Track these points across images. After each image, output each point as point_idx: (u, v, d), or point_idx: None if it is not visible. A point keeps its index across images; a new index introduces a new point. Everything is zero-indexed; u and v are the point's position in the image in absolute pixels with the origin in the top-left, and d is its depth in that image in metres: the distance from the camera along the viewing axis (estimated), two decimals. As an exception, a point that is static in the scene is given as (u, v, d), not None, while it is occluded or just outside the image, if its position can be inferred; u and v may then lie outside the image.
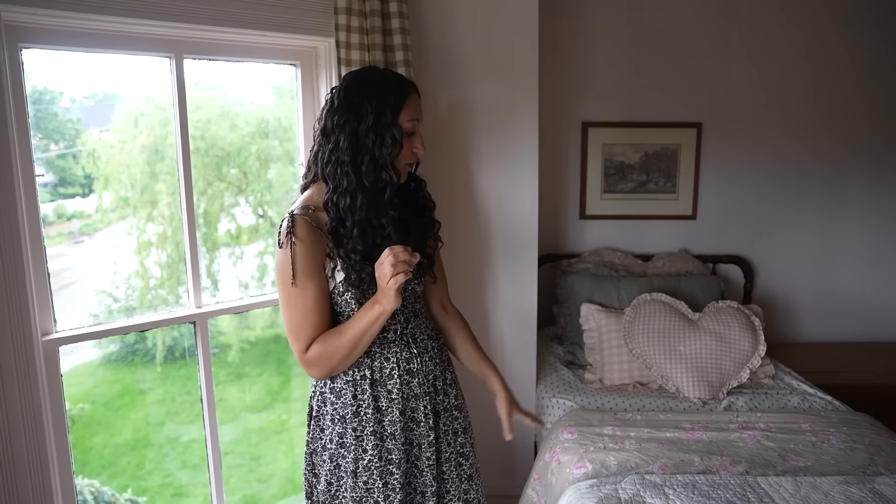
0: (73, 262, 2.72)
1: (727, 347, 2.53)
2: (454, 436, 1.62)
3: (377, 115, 1.41)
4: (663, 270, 3.08)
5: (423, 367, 1.55)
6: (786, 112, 3.23)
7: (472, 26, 2.42)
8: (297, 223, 1.41)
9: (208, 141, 2.71)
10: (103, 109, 2.43)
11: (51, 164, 2.37)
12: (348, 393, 1.50)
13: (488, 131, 2.50)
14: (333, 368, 1.46)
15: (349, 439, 1.49)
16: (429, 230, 1.62)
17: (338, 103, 1.44)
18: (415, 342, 1.56)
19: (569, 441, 2.16)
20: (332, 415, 1.51)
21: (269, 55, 2.20)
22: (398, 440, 1.50)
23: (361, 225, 1.42)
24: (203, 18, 1.93)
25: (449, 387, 1.63)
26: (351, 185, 1.41)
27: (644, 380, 2.61)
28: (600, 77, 3.19)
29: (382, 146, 1.41)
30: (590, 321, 2.71)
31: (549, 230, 3.30)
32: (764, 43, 3.18)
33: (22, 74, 1.73)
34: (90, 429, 3.10)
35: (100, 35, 1.84)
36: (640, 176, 3.26)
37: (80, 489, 2.63)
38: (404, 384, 1.52)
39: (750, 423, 2.27)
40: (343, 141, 1.41)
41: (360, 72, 1.53)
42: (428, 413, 1.55)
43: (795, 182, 3.28)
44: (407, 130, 1.45)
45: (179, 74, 2.02)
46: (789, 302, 3.38)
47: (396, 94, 1.43)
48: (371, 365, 1.50)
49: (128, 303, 2.84)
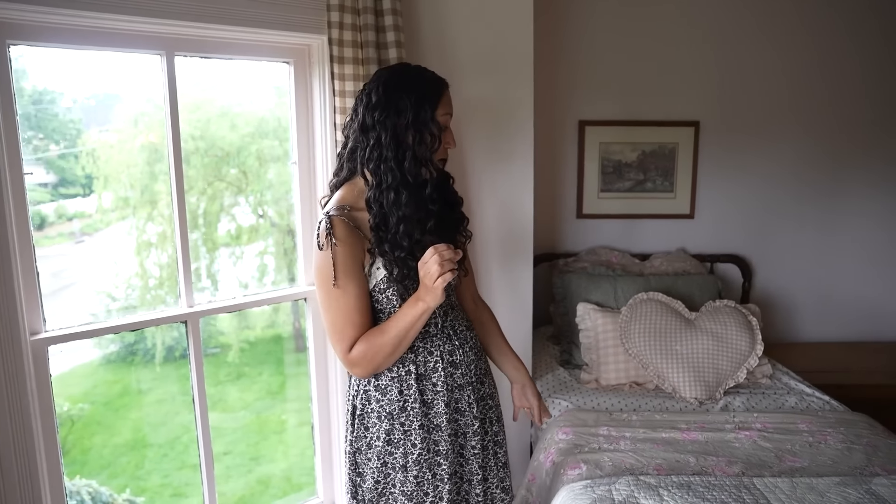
0: (74, 262, 2.71)
1: (724, 347, 2.51)
2: (490, 424, 1.65)
3: (416, 110, 1.42)
4: (661, 270, 3.06)
5: (465, 358, 1.57)
6: (784, 110, 3.21)
7: (467, 24, 2.40)
8: (335, 224, 1.41)
9: (208, 141, 2.70)
10: (104, 109, 2.43)
11: (51, 164, 2.37)
12: (394, 389, 1.50)
13: (483, 130, 2.48)
14: (378, 366, 1.47)
15: (397, 435, 1.50)
16: (459, 225, 1.65)
17: (376, 99, 1.45)
18: (455, 334, 1.58)
19: (563, 441, 2.14)
20: (378, 412, 1.52)
21: (261, 53, 2.18)
22: (444, 431, 1.52)
23: (406, 220, 1.43)
24: (194, 15, 1.91)
25: (485, 376, 1.66)
26: (395, 181, 1.42)
27: (640, 380, 2.59)
28: (597, 75, 3.18)
29: (422, 142, 1.43)
30: (586, 321, 2.69)
31: (546, 229, 3.28)
32: (763, 40, 3.16)
33: (10, 71, 1.71)
34: (90, 429, 3.10)
35: (89, 32, 1.83)
36: (638, 175, 3.24)
37: (78, 489, 2.63)
38: (448, 376, 1.53)
39: (746, 423, 2.25)
40: (385, 137, 1.42)
41: (396, 68, 1.55)
42: (472, 402, 1.57)
43: (794, 180, 3.26)
44: (443, 125, 1.47)
45: (171, 72, 2.00)
46: (788, 301, 3.36)
47: (433, 90, 1.46)
48: (415, 360, 1.51)
49: (127, 302, 2.84)
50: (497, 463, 1.66)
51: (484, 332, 1.79)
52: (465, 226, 1.67)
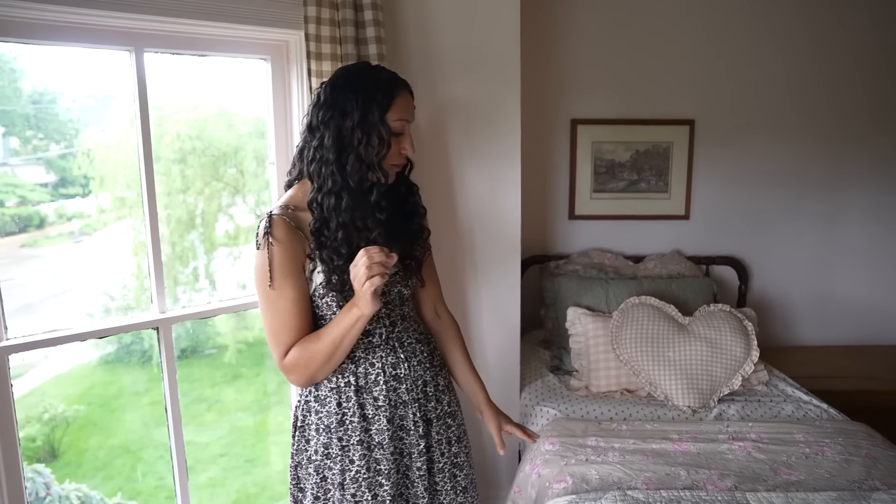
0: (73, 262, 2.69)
1: (718, 353, 2.43)
2: (448, 445, 1.56)
3: (363, 112, 1.35)
4: (654, 272, 2.98)
5: (412, 373, 1.48)
6: (782, 108, 3.13)
7: (452, 19, 2.32)
8: (274, 223, 1.35)
9: (205, 141, 2.67)
10: (101, 109, 2.42)
11: (51, 164, 2.36)
12: (332, 401, 1.43)
13: (469, 129, 2.40)
14: (313, 375, 1.40)
15: (335, 450, 1.43)
16: (418, 237, 1.56)
17: (324, 99, 1.39)
18: (401, 346, 1.49)
19: (550, 453, 2.06)
20: (316, 424, 1.45)
21: (236, 49, 2.10)
22: (386, 449, 1.44)
23: (346, 227, 1.36)
24: (164, 10, 1.84)
25: (441, 393, 1.56)
26: (336, 185, 1.35)
27: (632, 387, 2.51)
28: (590, 73, 3.10)
29: (368, 145, 1.35)
30: (576, 325, 2.61)
31: (537, 231, 3.20)
32: (760, 36, 3.07)
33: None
34: (86, 430, 3.07)
35: (53, 27, 1.75)
36: (631, 174, 3.16)
37: (67, 493, 2.59)
38: (391, 391, 1.45)
39: (741, 433, 2.17)
40: (328, 138, 1.35)
41: (350, 66, 1.47)
42: (417, 421, 1.48)
43: (792, 181, 3.18)
44: (395, 130, 1.38)
45: (140, 69, 1.93)
46: (785, 304, 3.28)
47: (385, 92, 1.37)
48: (356, 371, 1.44)
49: (124, 302, 2.82)
50: (455, 487, 1.57)
51: (444, 347, 1.68)
52: (425, 238, 1.58)
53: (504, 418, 1.66)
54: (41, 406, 2.98)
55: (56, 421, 2.99)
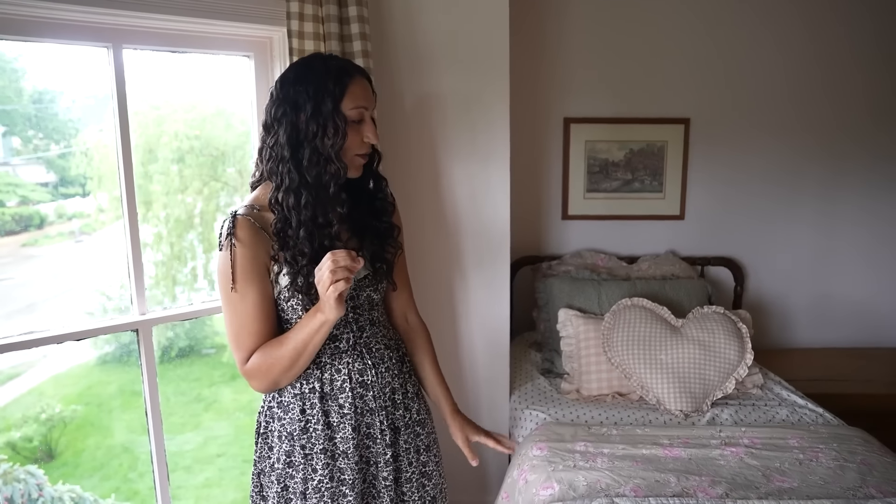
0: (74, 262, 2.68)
1: (711, 356, 2.38)
2: (416, 454, 1.51)
3: (316, 103, 1.30)
4: (648, 273, 2.93)
5: (379, 380, 1.44)
6: (779, 107, 3.08)
7: (440, 15, 2.28)
8: (238, 224, 1.31)
9: (203, 140, 2.66)
10: (101, 109, 2.41)
11: (52, 163, 2.35)
12: (296, 407, 1.39)
13: (457, 127, 2.35)
14: (275, 381, 1.35)
15: (297, 458, 1.38)
16: (388, 236, 1.50)
17: (276, 95, 1.34)
18: (369, 353, 1.44)
19: (538, 458, 2.02)
20: (279, 431, 1.41)
21: (219, 46, 2.06)
22: (351, 458, 1.39)
23: (307, 225, 1.31)
24: (142, 5, 1.80)
25: (410, 401, 1.52)
26: (294, 182, 1.31)
27: (624, 390, 2.46)
28: (583, 71, 3.05)
29: (324, 137, 1.30)
30: (567, 327, 2.56)
31: (530, 231, 3.16)
32: (756, 35, 3.03)
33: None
34: (83, 430, 3.05)
35: (29, 22, 1.72)
36: (625, 174, 3.12)
37: (61, 495, 2.57)
38: (357, 398, 1.40)
39: (734, 438, 2.12)
40: (282, 135, 1.31)
41: (300, 59, 1.42)
42: (384, 429, 1.43)
43: (788, 181, 3.13)
44: (352, 118, 1.33)
45: (118, 66, 1.89)
46: (782, 306, 3.23)
47: (336, 80, 1.32)
48: (321, 377, 1.39)
49: (121, 302, 2.76)
50: (423, 497, 1.52)
51: (413, 354, 1.62)
52: (395, 236, 1.52)
53: (472, 428, 1.58)
54: (39, 406, 2.97)
55: (53, 421, 2.97)
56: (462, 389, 2.49)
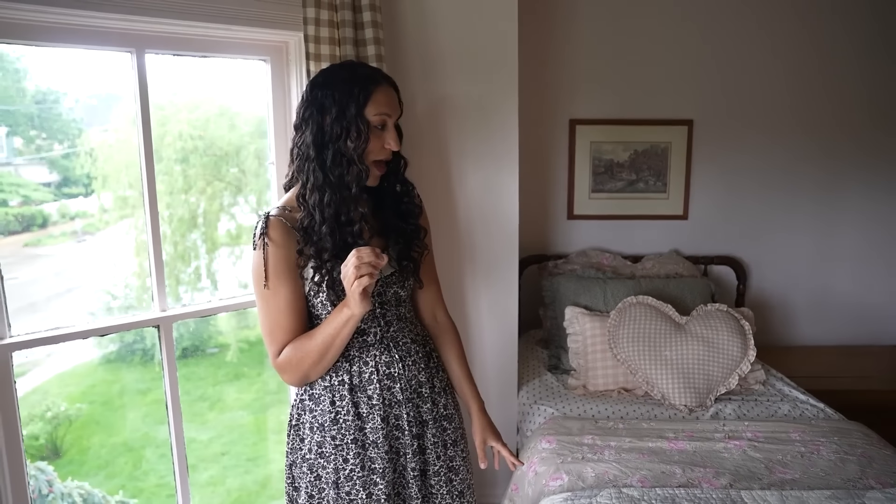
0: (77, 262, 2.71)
1: (715, 353, 2.44)
2: (444, 448, 1.55)
3: (340, 107, 1.36)
4: (652, 272, 2.99)
5: (406, 372, 1.49)
6: (781, 108, 3.14)
7: (450, 20, 2.34)
8: (270, 224, 1.38)
9: (207, 140, 2.68)
10: (104, 109, 2.44)
11: (55, 163, 2.37)
12: (326, 399, 1.44)
13: (467, 128, 2.41)
14: (306, 374, 1.42)
15: (328, 448, 1.44)
16: (414, 237, 1.55)
17: (305, 98, 1.41)
18: (396, 346, 1.49)
19: (546, 451, 2.08)
20: (310, 423, 1.46)
21: (237, 50, 2.12)
22: (381, 448, 1.44)
23: (330, 222, 1.37)
24: (165, 11, 1.86)
25: (437, 395, 1.56)
26: (318, 181, 1.37)
27: (629, 386, 2.52)
28: (588, 73, 3.11)
29: (347, 139, 1.36)
30: (574, 325, 2.62)
31: (536, 230, 3.22)
32: (759, 36, 3.08)
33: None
34: (88, 428, 3.09)
35: (55, 28, 1.77)
36: (630, 175, 3.17)
37: (70, 491, 2.61)
38: (385, 389, 1.46)
39: (737, 432, 2.18)
40: (308, 135, 1.38)
41: (332, 66, 1.50)
42: (412, 421, 1.48)
43: (790, 181, 3.19)
44: (374, 124, 1.39)
45: (141, 70, 1.94)
46: (784, 304, 3.29)
47: (362, 87, 1.38)
48: (350, 369, 1.45)
49: (126, 301, 2.85)
50: (451, 491, 1.55)
51: (442, 351, 1.67)
52: (422, 237, 1.58)
53: (492, 433, 1.63)
54: (44, 404, 3.00)
55: (59, 419, 3.01)
56: (471, 385, 2.55)
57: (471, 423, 1.65)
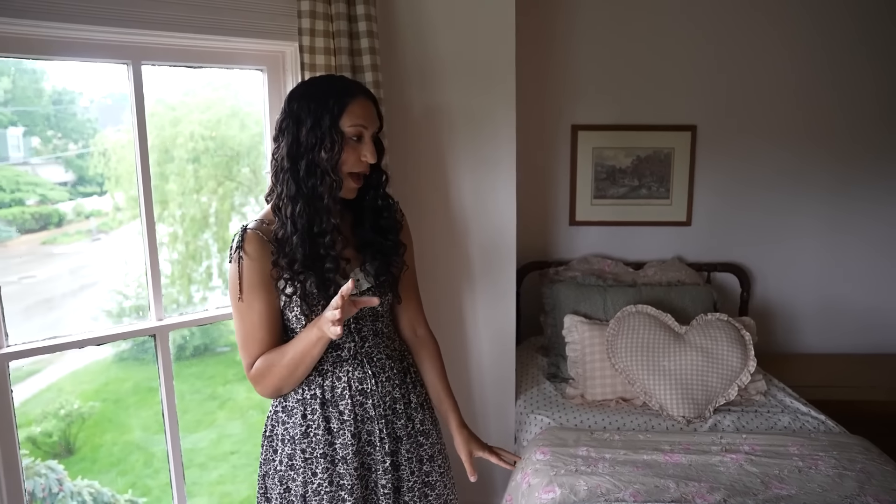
0: (91, 260, 2.78)
1: (714, 363, 2.42)
2: (419, 463, 1.55)
3: (315, 118, 1.37)
4: (654, 279, 2.96)
5: (379, 389, 1.49)
6: (785, 114, 3.09)
7: (447, 28, 2.33)
8: (247, 238, 1.40)
9: (218, 141, 2.70)
10: (118, 109, 2.49)
11: (70, 163, 2.42)
12: (298, 412, 1.46)
13: (465, 136, 2.41)
14: (277, 387, 1.44)
15: (298, 461, 1.45)
16: (393, 253, 1.54)
17: (282, 109, 1.43)
18: (370, 362, 1.50)
19: (540, 462, 2.07)
20: (282, 435, 1.48)
21: (233, 60, 2.13)
22: (350, 465, 1.44)
23: (303, 233, 1.38)
24: (160, 24, 1.87)
25: (414, 411, 1.56)
26: (291, 191, 1.39)
27: (628, 395, 2.51)
28: (590, 79, 3.08)
29: (321, 150, 1.37)
30: (573, 333, 2.61)
31: (538, 237, 3.21)
32: (764, 40, 3.04)
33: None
34: (100, 426, 3.15)
35: (52, 42, 1.79)
36: (632, 181, 3.15)
37: (80, 490, 2.64)
38: (357, 405, 1.46)
39: (734, 445, 2.16)
40: (283, 147, 1.39)
41: (310, 78, 1.51)
42: (384, 437, 1.48)
43: (795, 187, 3.14)
44: (349, 135, 1.39)
45: (137, 81, 1.96)
46: (789, 311, 3.25)
47: (337, 98, 1.39)
48: (322, 384, 1.46)
49: (137, 301, 2.88)
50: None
51: (421, 366, 1.66)
52: (401, 254, 1.57)
53: (476, 444, 1.61)
54: (58, 402, 3.08)
55: (72, 417, 3.08)
56: (469, 394, 2.55)
57: (453, 438, 1.62)
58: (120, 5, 1.78)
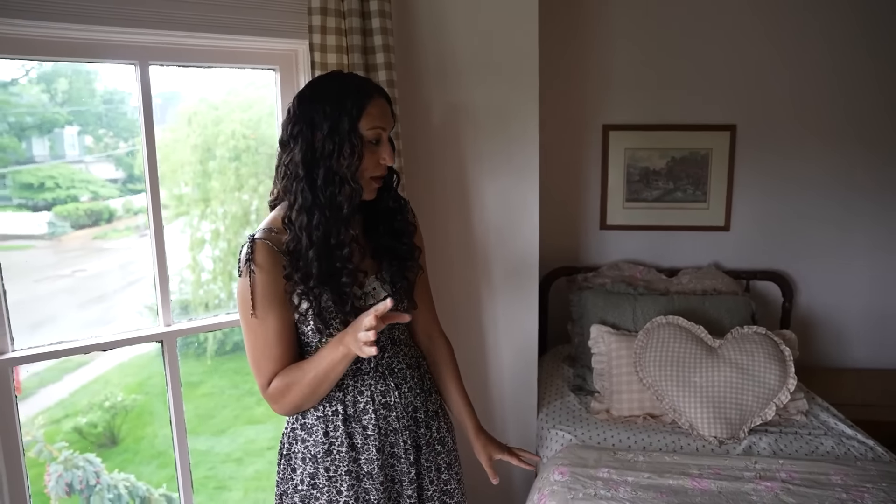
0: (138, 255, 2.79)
1: (750, 380, 2.25)
2: (437, 472, 1.50)
3: (332, 122, 1.29)
4: (688, 288, 2.80)
5: (402, 400, 1.43)
6: (833, 112, 2.89)
7: (467, 24, 2.23)
8: (257, 248, 1.31)
9: (259, 139, 2.72)
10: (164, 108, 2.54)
11: (120, 161, 2.47)
12: (319, 430, 1.39)
13: (485, 137, 2.30)
14: (297, 405, 1.36)
15: (321, 480, 1.39)
16: (408, 257, 1.48)
17: (292, 111, 1.34)
18: (391, 374, 1.43)
19: (558, 483, 1.95)
20: (303, 453, 1.41)
21: (244, 60, 2.07)
22: (376, 479, 1.39)
23: (319, 245, 1.30)
24: (168, 24, 1.83)
25: (431, 419, 1.50)
26: (307, 202, 1.30)
27: (656, 412, 2.36)
28: (623, 77, 2.94)
29: (340, 157, 1.29)
30: (599, 344, 2.48)
31: (567, 241, 3.08)
32: (809, 34, 2.84)
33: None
34: (142, 419, 3.19)
35: (58, 43, 1.76)
36: (667, 183, 2.99)
37: (116, 483, 2.67)
38: (381, 419, 1.40)
39: (770, 471, 2.00)
40: (297, 153, 1.30)
41: (318, 77, 1.42)
42: (408, 448, 1.43)
43: (843, 189, 2.94)
44: (368, 139, 1.32)
45: (145, 82, 1.92)
46: (836, 323, 3.04)
47: (355, 99, 1.31)
48: (343, 399, 1.39)
49: (181, 296, 2.96)
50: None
51: (436, 371, 1.61)
52: (416, 257, 1.50)
53: (495, 447, 1.58)
54: (103, 394, 3.14)
55: (116, 409, 3.13)
56: (488, 405, 2.45)
57: (471, 445, 1.59)
58: (126, 5, 1.74)
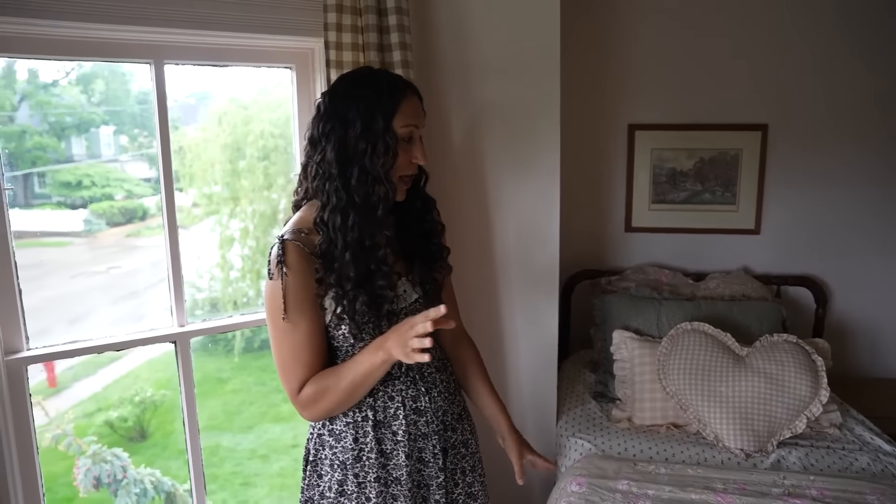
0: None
1: (779, 391, 2.16)
2: (462, 475, 1.48)
3: (366, 120, 1.26)
4: (716, 293, 2.70)
5: (432, 405, 1.40)
6: (869, 112, 2.76)
7: (486, 22, 2.17)
8: (288, 250, 1.27)
9: (287, 138, 2.73)
10: (196, 108, 2.57)
11: (153, 160, 2.57)
12: (349, 436, 1.36)
13: (504, 138, 2.24)
14: (330, 411, 1.33)
15: (350, 486, 1.36)
16: (437, 258, 1.45)
17: (324, 109, 1.31)
18: (422, 378, 1.41)
19: (575, 495, 1.89)
20: (331, 460, 1.38)
21: (259, 58, 2.05)
22: (405, 485, 1.36)
23: (353, 247, 1.27)
24: (183, 22, 1.82)
25: (456, 422, 1.48)
26: (341, 202, 1.27)
27: (680, 421, 2.28)
28: (650, 75, 2.85)
29: (374, 156, 1.26)
30: (622, 350, 2.40)
31: (591, 243, 3.00)
32: (843, 30, 2.72)
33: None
34: (171, 414, 3.22)
35: (74, 42, 1.76)
36: (695, 184, 2.90)
37: (142, 478, 2.70)
38: (411, 424, 1.37)
39: (799, 488, 1.90)
40: (330, 151, 1.27)
41: (349, 73, 1.38)
42: (437, 452, 1.40)
43: (880, 191, 2.80)
44: (402, 137, 1.29)
45: (160, 81, 1.91)
46: (872, 331, 2.91)
47: (389, 97, 1.28)
48: (374, 405, 1.36)
49: (210, 293, 3.01)
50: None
51: (463, 372, 1.58)
52: (444, 257, 1.47)
53: (526, 447, 1.56)
54: (133, 389, 3.21)
55: (146, 404, 3.19)
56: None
57: (504, 441, 1.56)
58: (140, 4, 1.73)
